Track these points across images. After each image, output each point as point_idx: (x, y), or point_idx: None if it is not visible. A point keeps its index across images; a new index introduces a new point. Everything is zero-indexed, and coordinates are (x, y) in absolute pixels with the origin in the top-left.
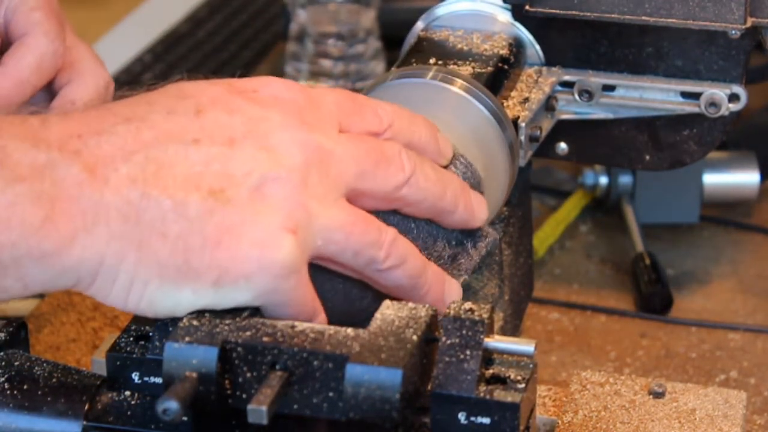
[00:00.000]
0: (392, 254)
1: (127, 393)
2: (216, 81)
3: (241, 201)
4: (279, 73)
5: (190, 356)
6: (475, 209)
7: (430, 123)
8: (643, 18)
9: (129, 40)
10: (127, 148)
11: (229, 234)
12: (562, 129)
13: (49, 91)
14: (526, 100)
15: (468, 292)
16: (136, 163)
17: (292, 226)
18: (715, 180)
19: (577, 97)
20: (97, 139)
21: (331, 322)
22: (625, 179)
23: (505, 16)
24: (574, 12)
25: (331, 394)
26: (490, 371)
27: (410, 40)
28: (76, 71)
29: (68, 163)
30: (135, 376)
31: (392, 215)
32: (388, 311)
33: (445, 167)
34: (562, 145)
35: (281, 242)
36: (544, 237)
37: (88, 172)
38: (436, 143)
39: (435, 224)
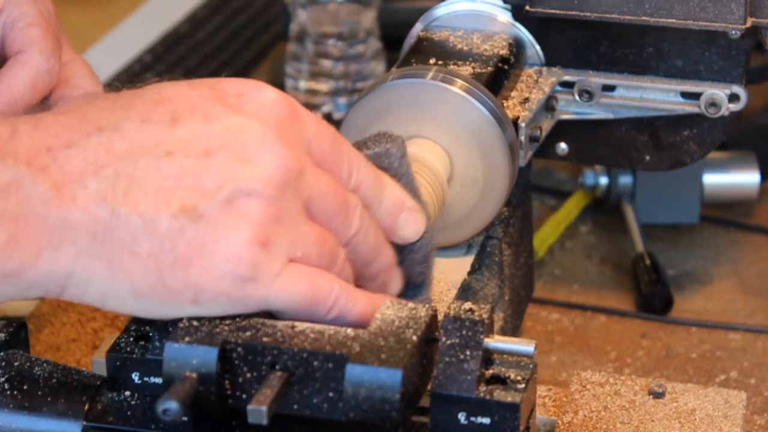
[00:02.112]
0: (341, 274)
1: (127, 393)
2: (199, 83)
3: (212, 217)
4: (279, 73)
5: (190, 356)
6: (389, 289)
7: (399, 201)
8: (643, 18)
9: (129, 40)
10: (97, 162)
11: (200, 251)
12: (562, 129)
13: (42, 107)
14: (526, 100)
15: (468, 292)
16: (106, 178)
17: (263, 237)
18: (715, 180)
19: (577, 97)
20: (66, 152)
21: None
22: (625, 179)
23: (505, 16)
24: (574, 12)
25: (331, 394)
26: (490, 371)
27: (410, 40)
28: (71, 88)
29: (34, 181)
30: (135, 377)
31: None
32: (388, 311)
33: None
34: (562, 146)
35: (253, 255)
36: (544, 237)
37: (54, 190)
38: (393, 220)
39: None
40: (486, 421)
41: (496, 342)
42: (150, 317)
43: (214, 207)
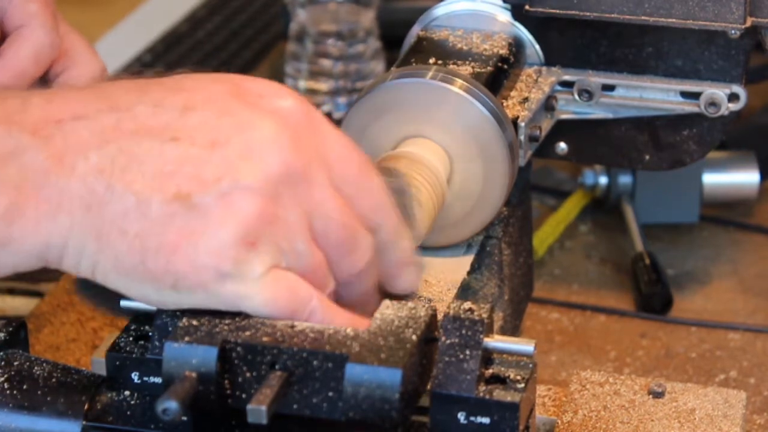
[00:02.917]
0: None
1: (127, 393)
2: (223, 78)
3: (205, 207)
4: (279, 72)
5: (189, 356)
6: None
7: (410, 253)
8: (643, 18)
9: (129, 40)
10: (103, 136)
11: (187, 240)
12: (562, 129)
13: (44, 80)
14: (526, 99)
15: (468, 291)
16: (108, 153)
17: (251, 238)
18: (715, 180)
19: (576, 97)
20: (74, 124)
21: None
22: (625, 179)
23: (504, 16)
24: (573, 12)
25: (330, 394)
26: (490, 371)
27: (410, 39)
28: (71, 60)
29: (36, 149)
30: (135, 376)
31: None
32: (387, 311)
33: None
34: (562, 145)
35: (236, 254)
36: (544, 237)
37: (55, 159)
38: (398, 272)
39: None
40: (486, 420)
41: (495, 341)
42: (131, 296)
43: (209, 198)
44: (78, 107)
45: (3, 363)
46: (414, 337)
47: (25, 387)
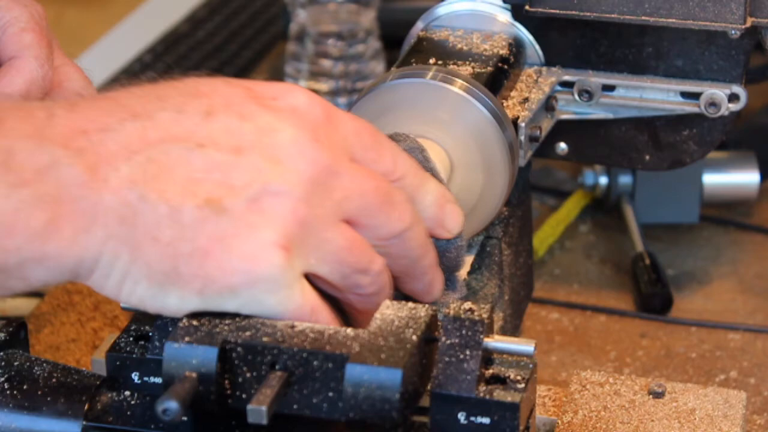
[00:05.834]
0: (375, 283)
1: (127, 393)
2: (235, 82)
3: (236, 212)
4: (279, 72)
5: (189, 356)
6: (435, 288)
7: (443, 193)
8: (643, 18)
9: (129, 40)
10: (131, 147)
11: (220, 244)
12: (562, 129)
13: None
14: (526, 100)
15: (468, 292)
16: (138, 163)
17: (285, 242)
18: (715, 180)
19: (577, 97)
20: (101, 136)
21: None
22: (625, 179)
23: (505, 16)
24: (574, 12)
25: (330, 394)
26: (490, 371)
27: (410, 40)
28: (65, 92)
29: (71, 163)
30: (135, 376)
31: None
32: (387, 311)
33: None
34: (562, 145)
35: (270, 258)
36: (544, 237)
37: (89, 172)
38: (441, 212)
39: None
40: (486, 420)
41: (495, 342)
42: (152, 308)
43: (240, 203)
44: (101, 118)
45: (3, 363)
46: (414, 338)
47: (25, 387)
